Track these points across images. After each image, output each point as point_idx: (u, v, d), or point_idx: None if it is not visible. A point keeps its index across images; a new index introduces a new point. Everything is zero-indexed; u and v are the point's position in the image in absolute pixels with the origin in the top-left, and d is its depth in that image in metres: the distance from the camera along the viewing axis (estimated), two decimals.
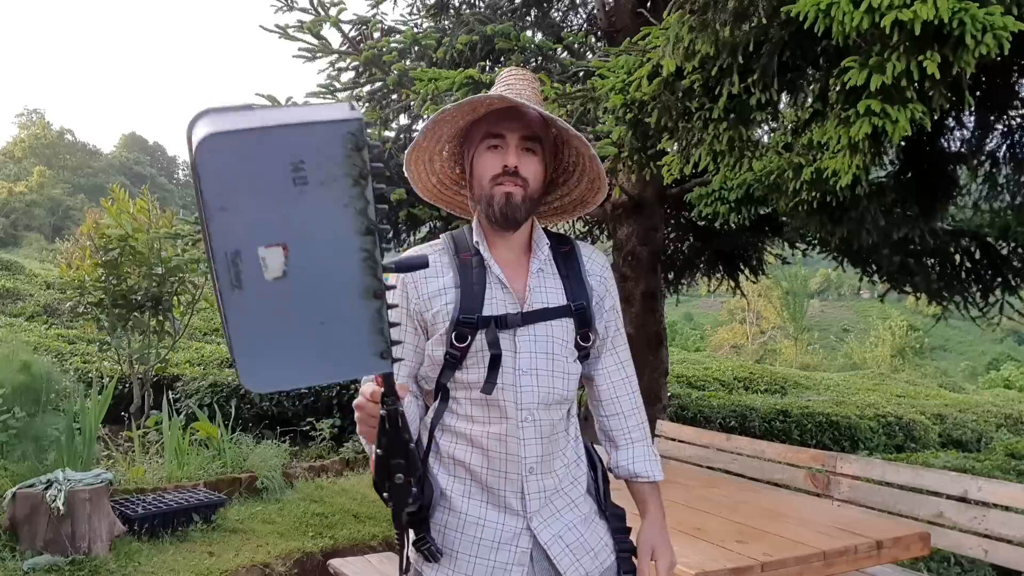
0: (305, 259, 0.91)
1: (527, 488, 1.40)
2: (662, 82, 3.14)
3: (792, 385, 12.30)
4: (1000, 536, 2.99)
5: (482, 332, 1.37)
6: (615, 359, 1.54)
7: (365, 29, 6.03)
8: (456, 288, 1.41)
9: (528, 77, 1.50)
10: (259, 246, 0.89)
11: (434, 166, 1.52)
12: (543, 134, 1.43)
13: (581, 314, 1.44)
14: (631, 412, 1.55)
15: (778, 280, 33.05)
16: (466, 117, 1.44)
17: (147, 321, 6.52)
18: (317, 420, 6.20)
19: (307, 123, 0.88)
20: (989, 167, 4.28)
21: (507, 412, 1.38)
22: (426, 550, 1.38)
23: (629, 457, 1.54)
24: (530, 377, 1.39)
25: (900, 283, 5.28)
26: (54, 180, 54.42)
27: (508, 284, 1.42)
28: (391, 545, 4.23)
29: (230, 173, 0.87)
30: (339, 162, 0.88)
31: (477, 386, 1.38)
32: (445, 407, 1.43)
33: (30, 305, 13.20)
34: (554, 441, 1.43)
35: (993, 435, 9.86)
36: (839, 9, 2.31)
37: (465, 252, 1.45)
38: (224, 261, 0.89)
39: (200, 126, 0.87)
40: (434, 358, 1.42)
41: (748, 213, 4.84)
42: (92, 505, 3.62)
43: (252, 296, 0.90)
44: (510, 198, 1.39)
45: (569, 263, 1.48)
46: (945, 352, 45.78)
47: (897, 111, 2.41)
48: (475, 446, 1.40)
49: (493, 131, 1.41)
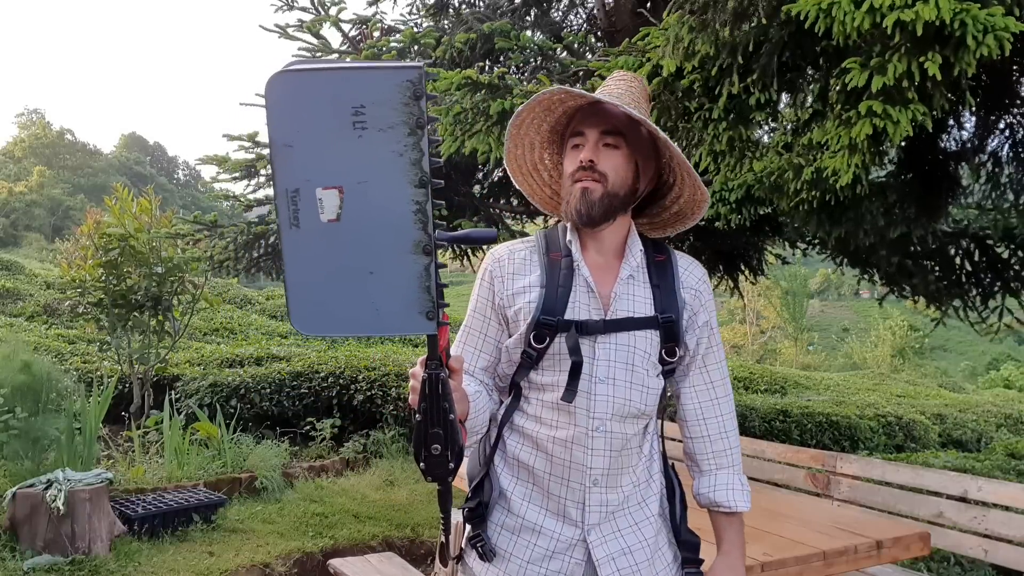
0: (359, 205, 0.94)
1: (588, 500, 1.35)
2: (662, 82, 3.14)
3: (792, 385, 12.30)
4: (1000, 536, 2.99)
5: (561, 335, 1.33)
6: (705, 378, 1.46)
7: (365, 28, 6.02)
8: (541, 287, 1.36)
9: (627, 77, 1.46)
10: (317, 187, 0.93)
11: (542, 176, 1.50)
12: (628, 130, 1.36)
13: (669, 327, 1.38)
14: (718, 436, 1.46)
15: (778, 280, 33.06)
16: (546, 119, 1.42)
17: (147, 321, 6.51)
18: (317, 420, 6.20)
19: (370, 68, 0.92)
20: (991, 166, 4.28)
21: (577, 419, 1.34)
22: (480, 547, 1.35)
23: (711, 484, 1.46)
24: (606, 386, 1.34)
25: (899, 285, 5.28)
26: (54, 180, 54.41)
27: (595, 288, 1.36)
28: (391, 545, 4.23)
29: (295, 110, 0.91)
30: (397, 108, 0.91)
31: (551, 388, 1.35)
32: (516, 406, 1.41)
33: (30, 305, 13.20)
34: (625, 456, 1.37)
35: (993, 435, 9.87)
36: (840, 9, 2.31)
37: (555, 251, 1.40)
38: (284, 198, 0.93)
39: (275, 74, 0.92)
40: (512, 356, 1.39)
41: (749, 213, 4.83)
42: (92, 505, 3.62)
43: (307, 236, 0.94)
44: (586, 193, 1.34)
45: (663, 272, 1.42)
46: (945, 352, 45.77)
47: (898, 112, 2.41)
48: (540, 449, 1.37)
49: (575, 130, 1.39)
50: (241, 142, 5.60)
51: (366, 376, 6.49)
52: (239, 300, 16.95)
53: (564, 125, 1.44)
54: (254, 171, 5.75)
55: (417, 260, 0.96)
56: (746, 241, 6.85)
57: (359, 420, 6.44)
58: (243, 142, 5.60)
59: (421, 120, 0.91)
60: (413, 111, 0.91)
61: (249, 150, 5.65)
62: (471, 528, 1.38)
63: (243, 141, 5.59)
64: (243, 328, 12.69)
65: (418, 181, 0.93)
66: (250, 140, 5.60)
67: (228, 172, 5.71)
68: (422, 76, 0.91)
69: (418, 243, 0.95)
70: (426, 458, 1.10)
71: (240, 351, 8.09)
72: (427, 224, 0.94)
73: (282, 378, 6.50)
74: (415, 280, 0.96)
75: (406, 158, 0.92)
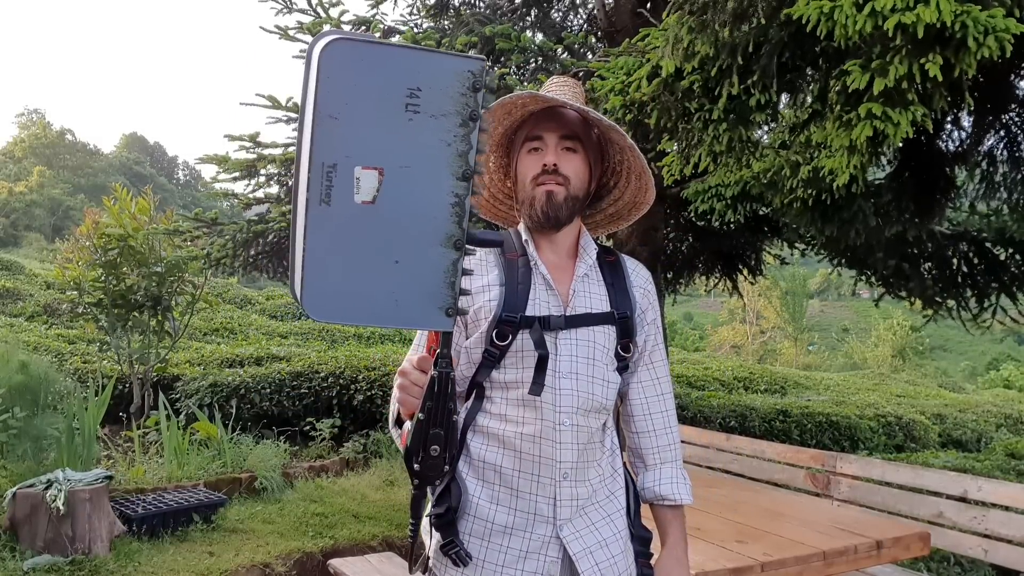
0: (397, 190, 0.90)
1: (559, 494, 1.35)
2: (661, 83, 3.14)
3: (792, 385, 12.30)
4: (1000, 536, 2.99)
5: (524, 332, 1.35)
6: (651, 374, 1.50)
7: (366, 30, 6.03)
8: (501, 286, 1.38)
9: (570, 83, 1.50)
10: (357, 165, 0.89)
11: (483, 179, 1.51)
12: (584, 134, 1.42)
13: (624, 323, 1.42)
14: (663, 431, 1.50)
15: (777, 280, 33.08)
16: (503, 122, 1.44)
17: (147, 321, 6.51)
18: (317, 420, 6.20)
19: (432, 52, 0.89)
20: (986, 166, 4.28)
21: (544, 414, 1.35)
22: (454, 554, 1.33)
23: (656, 478, 1.49)
24: (569, 380, 1.36)
25: (895, 288, 5.28)
26: (54, 180, 54.41)
27: (553, 286, 1.40)
28: (391, 545, 4.23)
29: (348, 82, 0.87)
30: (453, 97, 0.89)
31: (514, 386, 1.36)
32: (479, 407, 1.40)
33: (30, 305, 13.20)
34: (591, 450, 1.39)
35: (993, 435, 9.86)
36: (842, 12, 2.31)
37: (511, 252, 1.43)
38: (319, 172, 0.88)
39: (326, 36, 0.88)
40: (472, 356, 1.40)
41: (744, 210, 4.84)
42: (92, 505, 3.62)
43: (337, 215, 0.89)
44: (551, 196, 1.38)
45: (615, 272, 1.47)
46: (945, 352, 45.79)
47: (898, 113, 2.41)
48: (507, 447, 1.37)
49: (532, 134, 1.41)
50: (241, 142, 5.60)
51: (366, 376, 6.50)
52: (239, 300, 16.95)
53: (514, 129, 1.47)
54: (254, 171, 5.76)
55: (446, 254, 0.93)
56: (744, 241, 6.86)
57: (359, 420, 6.44)
58: (243, 142, 5.60)
59: (476, 112, 0.90)
60: (469, 102, 0.89)
61: (250, 150, 5.65)
62: (440, 535, 1.34)
63: (243, 141, 5.60)
64: (243, 328, 12.69)
65: (461, 174, 0.91)
66: (251, 140, 5.60)
67: (228, 172, 5.72)
68: (484, 69, 0.89)
69: (450, 237, 0.92)
70: (423, 459, 1.09)
71: (240, 351, 8.09)
72: (463, 218, 0.92)
73: (282, 378, 6.50)
74: (441, 274, 0.93)
75: (454, 148, 0.90)
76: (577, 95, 1.46)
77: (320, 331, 12.41)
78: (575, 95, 1.46)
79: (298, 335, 12.06)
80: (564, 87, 1.47)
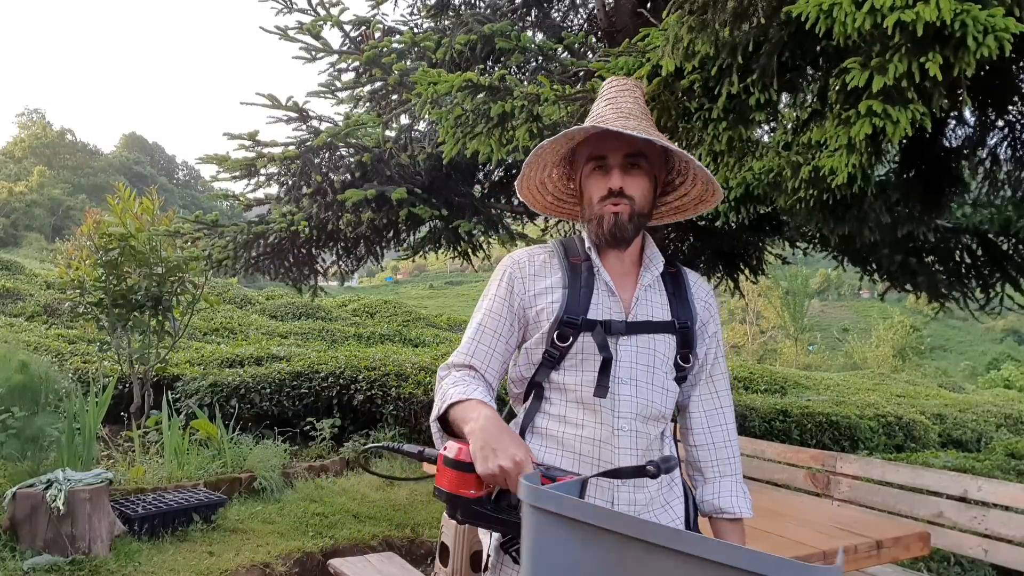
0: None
1: (617, 498, 1.35)
2: (661, 82, 3.13)
3: (792, 385, 12.30)
4: (1000, 536, 2.99)
5: (585, 334, 1.36)
6: (711, 388, 1.51)
7: (366, 29, 6.02)
8: (564, 288, 1.40)
9: (629, 86, 1.50)
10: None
11: (546, 188, 1.54)
12: (646, 146, 1.42)
13: (684, 333, 1.43)
14: (722, 444, 1.50)
15: (778, 280, 33.08)
16: (566, 145, 1.46)
17: (147, 321, 6.51)
18: (317, 420, 6.20)
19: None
20: (990, 163, 4.28)
21: (603, 418, 1.35)
22: (515, 551, 1.33)
23: (715, 491, 1.49)
24: (629, 387, 1.36)
25: (901, 282, 5.28)
26: (54, 180, 54.44)
27: (616, 292, 1.41)
28: (391, 545, 4.23)
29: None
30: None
31: (573, 388, 1.37)
32: (537, 408, 1.41)
33: (30, 305, 13.20)
34: (649, 456, 1.39)
35: (993, 435, 9.86)
36: (841, 10, 2.31)
37: (575, 256, 1.45)
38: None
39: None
40: (532, 357, 1.41)
41: (748, 212, 4.83)
42: (92, 505, 3.62)
43: None
44: (618, 218, 1.39)
45: (676, 283, 1.48)
46: (945, 352, 45.78)
47: (898, 112, 2.41)
48: (566, 450, 1.37)
49: (596, 153, 1.42)
50: (241, 140, 5.60)
51: (366, 376, 6.49)
52: (239, 300, 16.95)
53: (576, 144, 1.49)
54: (254, 170, 5.75)
55: None
56: (746, 240, 6.85)
57: (359, 420, 6.44)
58: (243, 140, 5.60)
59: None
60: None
61: (249, 149, 5.65)
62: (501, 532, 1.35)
63: (243, 140, 5.59)
64: (243, 328, 12.68)
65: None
66: (250, 139, 5.60)
67: (228, 171, 5.71)
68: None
69: None
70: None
71: (240, 351, 8.09)
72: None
73: (282, 378, 6.49)
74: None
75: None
76: (637, 100, 1.47)
77: (320, 331, 12.41)
78: (635, 101, 1.46)
79: (298, 335, 12.05)
80: (624, 93, 1.47)
